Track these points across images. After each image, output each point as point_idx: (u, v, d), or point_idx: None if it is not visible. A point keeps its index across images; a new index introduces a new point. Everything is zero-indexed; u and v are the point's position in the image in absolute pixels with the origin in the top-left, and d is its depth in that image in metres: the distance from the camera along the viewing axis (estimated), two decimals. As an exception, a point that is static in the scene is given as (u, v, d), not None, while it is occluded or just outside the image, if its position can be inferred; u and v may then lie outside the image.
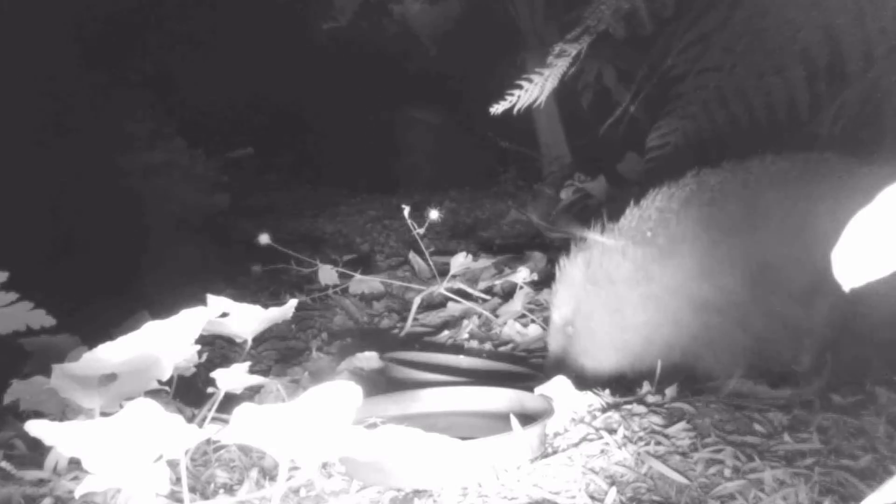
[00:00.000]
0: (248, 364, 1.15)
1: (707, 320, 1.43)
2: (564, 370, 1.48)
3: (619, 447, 1.16)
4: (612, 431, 1.22)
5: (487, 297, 2.24)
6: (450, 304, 2.20)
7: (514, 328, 1.99)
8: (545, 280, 2.06)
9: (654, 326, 1.45)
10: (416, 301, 2.15)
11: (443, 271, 2.28)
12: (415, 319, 2.14)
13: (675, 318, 1.44)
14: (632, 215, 1.52)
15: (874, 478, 1.05)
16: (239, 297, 1.24)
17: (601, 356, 1.49)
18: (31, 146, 2.67)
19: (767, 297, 1.41)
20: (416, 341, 2.02)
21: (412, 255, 2.65)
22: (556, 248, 2.48)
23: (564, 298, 1.50)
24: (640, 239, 1.46)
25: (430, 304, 2.28)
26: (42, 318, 1.33)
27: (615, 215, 1.56)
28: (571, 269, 1.50)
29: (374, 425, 0.91)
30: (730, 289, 1.41)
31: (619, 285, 1.45)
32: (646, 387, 1.41)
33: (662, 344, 1.46)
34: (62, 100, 2.85)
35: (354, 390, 0.83)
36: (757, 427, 1.24)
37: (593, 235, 1.50)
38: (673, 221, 1.45)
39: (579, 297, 1.48)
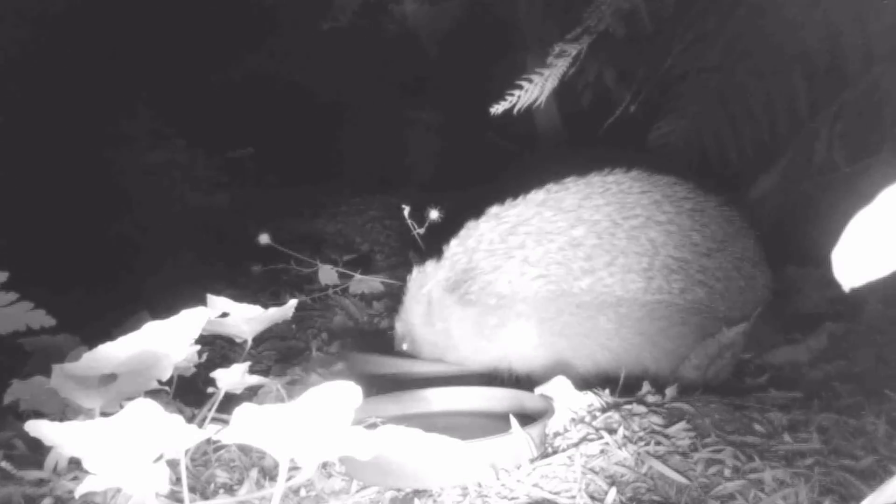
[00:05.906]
0: (248, 364, 1.16)
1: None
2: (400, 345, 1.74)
3: (619, 447, 1.16)
4: (612, 431, 1.21)
5: (487, 297, 2.23)
6: (450, 304, 2.20)
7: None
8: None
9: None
10: (416, 301, 2.15)
11: (443, 271, 2.27)
12: (415, 319, 2.13)
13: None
14: (454, 247, 1.75)
15: (874, 478, 1.05)
16: (239, 297, 1.24)
17: (412, 347, 1.74)
18: (30, 146, 2.67)
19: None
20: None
21: (412, 255, 2.64)
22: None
23: (405, 302, 1.76)
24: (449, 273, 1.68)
25: (430, 304, 2.27)
26: (42, 318, 1.33)
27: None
28: (412, 281, 1.75)
29: (374, 425, 0.92)
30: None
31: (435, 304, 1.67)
32: (645, 387, 1.41)
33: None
34: (62, 99, 2.85)
35: (354, 390, 0.83)
36: (757, 427, 1.24)
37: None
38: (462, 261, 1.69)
39: (408, 306, 1.74)
